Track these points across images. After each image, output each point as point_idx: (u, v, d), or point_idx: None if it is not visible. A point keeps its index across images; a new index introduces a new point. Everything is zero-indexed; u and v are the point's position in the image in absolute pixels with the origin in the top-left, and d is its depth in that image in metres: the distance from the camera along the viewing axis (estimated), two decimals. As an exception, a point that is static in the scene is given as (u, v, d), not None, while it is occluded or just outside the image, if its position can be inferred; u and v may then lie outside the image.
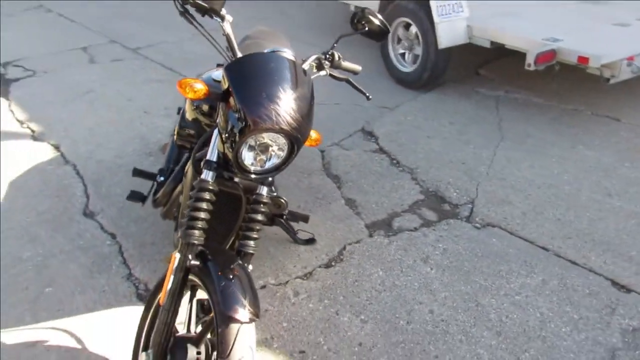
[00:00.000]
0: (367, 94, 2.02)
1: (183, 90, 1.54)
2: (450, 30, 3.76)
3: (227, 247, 1.87)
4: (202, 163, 1.60)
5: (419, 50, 4.05)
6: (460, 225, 2.70)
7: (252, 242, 1.64)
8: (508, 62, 4.51)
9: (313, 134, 1.78)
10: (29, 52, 4.84)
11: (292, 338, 2.03)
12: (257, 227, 1.66)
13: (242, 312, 1.43)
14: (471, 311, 2.17)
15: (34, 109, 3.83)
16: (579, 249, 2.51)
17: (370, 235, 2.61)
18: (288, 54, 1.70)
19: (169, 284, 1.53)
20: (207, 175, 1.57)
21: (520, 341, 2.02)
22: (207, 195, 1.56)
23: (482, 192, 2.95)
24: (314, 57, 1.83)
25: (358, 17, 1.86)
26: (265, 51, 1.71)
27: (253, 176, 1.56)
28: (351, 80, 1.93)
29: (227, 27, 1.62)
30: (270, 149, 1.57)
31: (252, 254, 1.65)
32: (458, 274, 2.37)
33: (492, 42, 3.77)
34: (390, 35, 4.23)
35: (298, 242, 2.52)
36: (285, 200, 2.03)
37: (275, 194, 2.03)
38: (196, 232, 1.54)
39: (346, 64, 1.92)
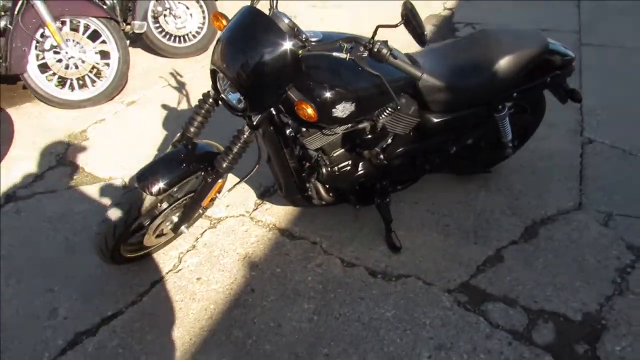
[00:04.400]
0: (396, 99, 1.74)
1: (214, 20, 1.92)
2: None
3: (289, 186, 2.18)
4: None
5: None
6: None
7: (220, 158, 1.97)
8: None
9: (308, 109, 1.80)
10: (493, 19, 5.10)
11: (262, 261, 2.25)
12: (232, 148, 1.94)
13: (140, 180, 1.91)
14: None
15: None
16: None
17: (446, 292, 2.16)
18: (281, 21, 1.71)
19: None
20: (210, 91, 1.99)
21: None
22: (204, 104, 2.00)
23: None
24: (351, 38, 1.72)
25: (402, 10, 1.59)
26: (271, 11, 1.78)
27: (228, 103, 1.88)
28: (382, 79, 1.71)
29: None
30: None
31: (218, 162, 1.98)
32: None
33: None
34: None
35: (385, 240, 2.41)
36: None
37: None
38: (190, 128, 2.05)
39: (398, 62, 1.69)
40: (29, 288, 2.23)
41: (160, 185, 1.92)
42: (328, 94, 1.83)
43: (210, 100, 1.99)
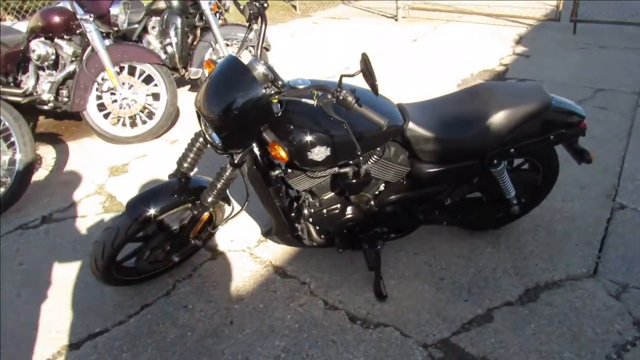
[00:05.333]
0: (358, 147, 1.79)
1: (207, 66, 2.10)
2: None
3: (279, 225, 2.26)
4: None
5: None
6: None
7: (206, 193, 2.12)
8: None
9: (280, 150, 1.92)
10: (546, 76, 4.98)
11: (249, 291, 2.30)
12: (216, 184, 2.09)
13: (130, 206, 2.09)
14: None
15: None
16: None
17: (421, 346, 2.10)
18: (256, 70, 1.84)
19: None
20: (200, 130, 2.15)
21: None
22: (195, 142, 2.17)
23: None
24: (321, 86, 1.82)
25: (360, 61, 1.68)
26: (249, 60, 1.91)
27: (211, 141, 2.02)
28: (347, 125, 1.79)
29: (251, 34, 2.00)
30: None
31: (203, 196, 2.13)
32: None
33: None
34: None
35: (373, 287, 2.39)
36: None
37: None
38: (184, 163, 2.21)
39: (363, 110, 1.76)
40: (36, 300, 2.43)
41: (148, 212, 2.08)
42: (302, 138, 1.92)
43: (201, 139, 2.14)
